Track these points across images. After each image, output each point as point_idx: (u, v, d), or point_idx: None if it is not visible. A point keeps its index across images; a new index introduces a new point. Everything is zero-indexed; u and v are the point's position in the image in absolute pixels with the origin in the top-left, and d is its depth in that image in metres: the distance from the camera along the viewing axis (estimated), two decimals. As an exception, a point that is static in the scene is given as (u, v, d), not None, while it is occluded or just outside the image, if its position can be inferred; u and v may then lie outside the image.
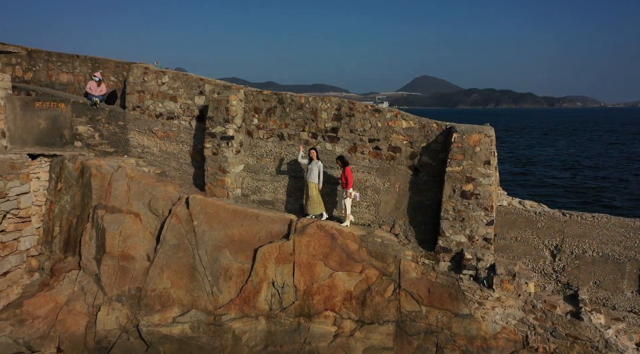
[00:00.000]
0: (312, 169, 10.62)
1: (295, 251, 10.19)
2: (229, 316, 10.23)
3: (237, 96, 11.97)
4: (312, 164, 10.69)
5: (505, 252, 9.73)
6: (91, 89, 14.64)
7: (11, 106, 12.09)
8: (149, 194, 11.71)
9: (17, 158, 12.06)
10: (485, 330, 9.17)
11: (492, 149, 9.45)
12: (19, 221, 12.25)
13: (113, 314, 10.73)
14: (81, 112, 14.40)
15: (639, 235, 8.82)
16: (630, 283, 8.84)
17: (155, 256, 10.98)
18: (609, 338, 8.28)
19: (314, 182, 10.63)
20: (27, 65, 17.18)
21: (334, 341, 9.68)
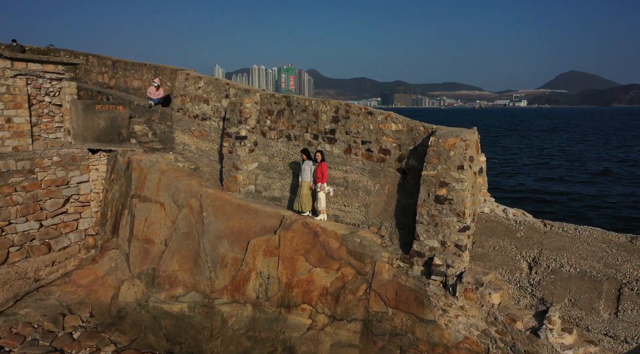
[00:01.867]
0: (305, 169, 11.16)
1: (280, 245, 10.84)
2: (221, 300, 11.22)
3: (252, 99, 12.92)
4: (305, 164, 11.23)
5: (482, 260, 9.34)
6: (151, 93, 16.69)
7: (75, 108, 14.42)
8: (174, 186, 13.18)
9: (78, 152, 14.36)
10: (448, 338, 8.94)
11: (468, 153, 9.14)
12: (79, 205, 14.56)
13: (132, 289, 12.36)
14: (138, 114, 16.52)
15: (622, 252, 7.94)
16: (607, 303, 7.99)
17: (170, 242, 12.39)
18: (568, 360, 7.63)
19: (307, 181, 11.16)
20: (112, 73, 20.03)
21: (306, 333, 10.14)
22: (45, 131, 13.98)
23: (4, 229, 12.74)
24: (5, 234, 12.77)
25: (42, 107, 13.84)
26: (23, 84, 13.14)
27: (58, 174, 13.82)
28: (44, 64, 13.65)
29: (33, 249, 13.36)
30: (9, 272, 12.76)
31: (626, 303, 7.76)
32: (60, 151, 14.00)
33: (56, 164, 13.75)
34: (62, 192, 14.03)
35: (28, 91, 13.33)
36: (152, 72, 17.78)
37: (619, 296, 7.86)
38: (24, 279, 13.08)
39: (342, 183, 11.50)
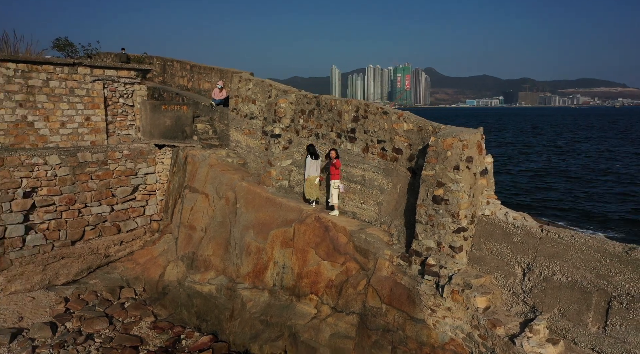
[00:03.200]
0: (311, 164, 11.75)
1: (294, 237, 11.50)
2: (243, 285, 12.19)
3: (287, 100, 13.72)
4: (310, 160, 11.94)
5: (479, 264, 9.13)
6: (214, 94, 18.31)
7: (144, 108, 16.41)
8: (218, 179, 14.46)
9: (145, 147, 16.33)
10: (435, 339, 8.92)
11: (466, 154, 8.99)
12: (146, 193, 16.54)
13: (175, 270, 13.85)
14: (203, 113, 18.21)
15: (615, 262, 7.35)
16: (596, 316, 7.44)
17: (208, 229, 13.67)
18: (541, 371, 7.28)
19: (314, 175, 11.78)
20: (190, 77, 22.18)
21: (309, 322, 10.69)
22: (119, 128, 16.13)
23: (81, 211, 15.00)
24: (82, 215, 15.03)
25: (116, 108, 16.00)
26: (100, 88, 15.33)
27: (127, 165, 15.87)
28: (119, 70, 15.78)
29: (105, 229, 15.52)
30: (83, 247, 15.01)
31: (615, 318, 7.21)
32: (130, 146, 16.06)
33: (126, 157, 15.80)
34: (131, 182, 16.07)
35: (105, 93, 15.52)
36: (219, 75, 19.43)
37: (608, 309, 7.31)
38: (96, 254, 15.27)
39: (360, 181, 11.82)
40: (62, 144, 14.67)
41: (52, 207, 14.37)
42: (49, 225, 14.36)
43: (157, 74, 25.41)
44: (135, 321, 12.63)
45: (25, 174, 13.73)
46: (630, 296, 7.09)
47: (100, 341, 11.60)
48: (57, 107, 14.46)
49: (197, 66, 21.50)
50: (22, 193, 13.74)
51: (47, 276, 14.27)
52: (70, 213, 14.75)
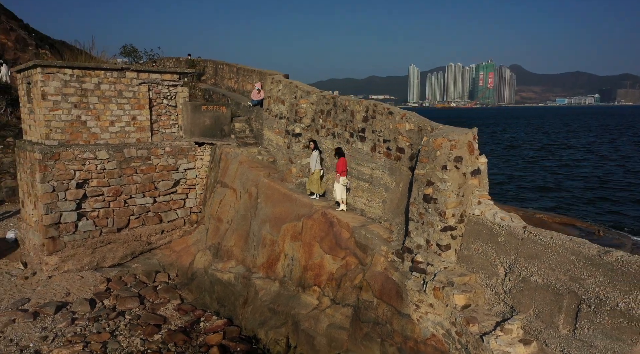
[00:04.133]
0: (314, 158, 12.45)
1: (302, 231, 12.11)
2: (257, 275, 13.00)
3: (307, 100, 14.35)
4: (313, 154, 12.59)
5: (467, 262, 9.22)
6: (253, 95, 19.35)
7: (186, 109, 17.75)
8: (246, 175, 15.41)
9: (186, 144, 17.68)
10: (418, 333, 9.15)
11: (454, 154, 9.11)
12: (186, 187, 17.90)
13: (203, 258, 14.97)
14: (243, 113, 19.31)
15: (588, 265, 7.22)
16: (567, 319, 7.35)
17: (232, 222, 14.64)
18: (505, 369, 7.33)
19: (317, 169, 12.40)
20: (236, 79, 23.48)
21: (310, 312, 11.25)
22: (162, 126, 17.59)
23: (127, 201, 16.59)
24: (128, 206, 16.61)
25: (160, 108, 17.47)
26: (145, 90, 16.84)
27: (169, 161, 17.29)
28: (162, 74, 17.23)
29: (148, 219, 17.03)
30: (128, 234, 16.59)
31: (583, 321, 7.12)
32: (172, 143, 17.47)
33: (168, 153, 17.23)
34: (172, 176, 17.48)
35: (149, 95, 17.01)
36: (259, 77, 20.45)
37: (577, 312, 7.22)
38: (139, 241, 16.82)
39: (368, 179, 12.19)
40: (111, 141, 16.32)
41: (101, 198, 16.04)
42: (98, 213, 16.05)
43: (210, 76, 27.08)
44: (163, 303, 13.87)
45: (78, 167, 15.48)
46: (599, 299, 6.97)
47: (130, 317, 12.92)
48: (107, 108, 16.12)
49: (242, 69, 22.72)
50: (76, 184, 15.50)
51: (95, 259, 15.99)
52: (117, 203, 16.37)
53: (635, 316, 6.53)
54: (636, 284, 6.63)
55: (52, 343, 11.47)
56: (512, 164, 49.40)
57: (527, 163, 49.85)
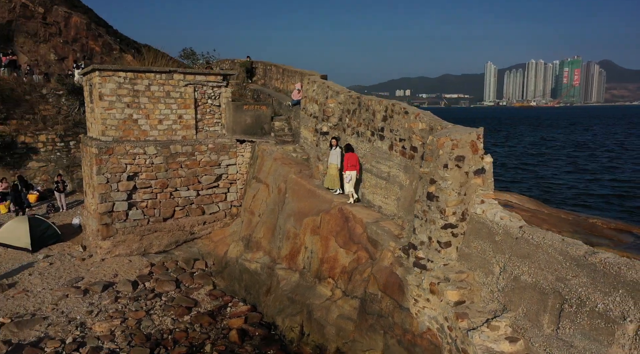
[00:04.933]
0: (332, 154, 12.82)
1: (321, 225, 12.67)
2: (280, 266, 13.72)
3: (335, 100, 14.86)
4: (332, 150, 12.91)
5: (467, 260, 9.34)
6: (294, 95, 20.16)
7: (228, 108, 18.87)
8: (278, 172, 16.20)
9: (228, 141, 18.82)
10: (416, 327, 9.42)
11: (455, 153, 9.27)
12: (228, 182, 19.04)
13: (236, 248, 15.94)
14: (283, 112, 20.16)
15: (574, 266, 7.19)
16: (551, 318, 7.35)
17: (263, 215, 15.47)
18: (486, 364, 7.48)
19: (334, 164, 12.86)
20: (282, 79, 24.43)
21: (323, 302, 11.78)
22: (207, 125, 18.83)
23: (172, 194, 17.97)
24: (173, 198, 17.99)
25: (205, 108, 18.70)
26: (191, 91, 18.13)
27: (212, 157, 18.49)
28: (207, 75, 18.45)
29: (191, 210, 18.33)
30: (173, 224, 17.98)
31: (565, 321, 7.14)
32: (215, 140, 18.66)
33: (211, 150, 18.43)
34: (215, 171, 18.66)
35: (195, 96, 18.29)
36: (300, 78, 21.20)
37: (560, 312, 7.23)
38: (183, 231, 18.16)
39: (386, 177, 12.50)
40: (159, 137, 17.76)
41: (149, 189, 17.52)
42: (146, 203, 17.54)
43: (260, 77, 28.28)
44: (197, 288, 14.99)
45: (129, 161, 17.03)
46: (580, 300, 6.95)
47: (165, 299, 14.13)
48: (155, 107, 17.56)
49: (287, 70, 23.61)
50: (127, 176, 17.06)
51: (143, 245, 17.49)
52: (164, 195, 17.79)
53: (612, 317, 6.49)
54: (615, 286, 6.57)
55: (95, 317, 12.87)
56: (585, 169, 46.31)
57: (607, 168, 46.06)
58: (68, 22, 34.70)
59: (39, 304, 13.41)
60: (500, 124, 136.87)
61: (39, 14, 33.63)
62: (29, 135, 25.10)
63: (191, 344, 11.76)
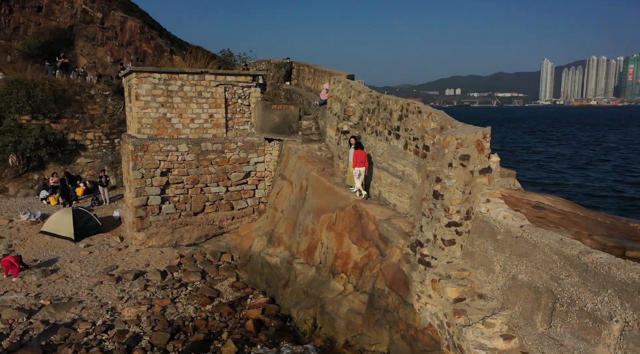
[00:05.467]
0: (351, 153, 13.11)
1: (336, 222, 13.00)
2: (298, 260, 14.15)
3: (356, 99, 15.13)
4: (351, 149, 13.20)
5: (470, 258, 9.41)
6: (322, 95, 20.56)
7: (257, 107, 19.50)
8: (301, 169, 16.65)
9: (256, 140, 19.47)
10: (418, 322, 9.59)
11: (460, 152, 9.36)
12: (256, 179, 19.70)
13: (259, 243, 16.51)
14: (311, 112, 20.59)
15: (567, 265, 7.18)
16: (544, 317, 7.36)
17: (285, 211, 15.96)
18: (477, 360, 7.58)
19: (351, 162, 13.18)
20: (313, 79, 24.87)
21: (335, 297, 12.10)
22: (236, 124, 19.54)
23: (203, 189, 18.80)
24: (204, 193, 18.82)
25: (235, 107, 19.42)
26: (222, 91, 18.89)
27: (241, 155, 19.19)
28: (237, 76, 19.15)
29: (220, 206, 19.10)
30: (202, 218, 18.81)
31: (556, 320, 7.16)
32: (244, 139, 19.35)
33: (240, 148, 19.13)
34: (243, 169, 19.36)
35: (225, 95, 19.03)
36: (328, 78, 21.55)
37: (552, 311, 7.24)
38: (212, 225, 18.96)
39: (401, 175, 12.67)
40: (191, 135, 18.63)
41: (181, 185, 18.41)
42: (178, 198, 18.45)
43: (293, 77, 28.85)
44: (221, 279, 15.68)
45: (163, 158, 17.98)
46: (571, 299, 6.95)
47: (191, 289, 14.89)
48: (188, 107, 18.43)
49: (317, 70, 24.03)
50: (160, 172, 18.02)
51: (174, 237, 18.41)
52: (195, 190, 18.64)
53: (599, 317, 6.48)
54: (605, 286, 6.54)
55: (125, 303, 13.77)
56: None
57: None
58: (123, 26, 36.67)
59: (76, 289, 14.48)
60: (556, 124, 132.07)
61: (97, 18, 35.75)
62: (78, 133, 26.85)
63: (209, 331, 12.39)
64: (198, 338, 11.93)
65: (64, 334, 11.85)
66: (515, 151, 62.49)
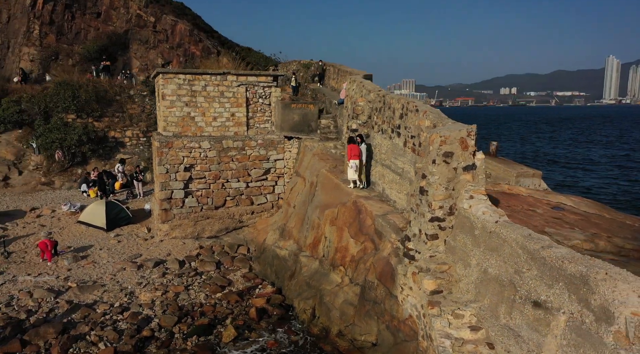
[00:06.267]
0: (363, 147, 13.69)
1: (337, 217, 13.46)
2: (304, 253, 14.71)
3: (364, 98, 15.51)
4: (363, 146, 13.67)
5: (452, 253, 9.62)
6: (341, 94, 21.01)
7: (277, 107, 20.21)
8: (314, 166, 17.20)
9: (276, 138, 20.20)
10: (401, 314, 9.92)
11: (443, 149, 9.59)
12: (275, 176, 20.44)
13: (272, 236, 17.20)
14: (331, 110, 21.09)
15: (529, 259, 7.35)
16: (506, 309, 7.55)
17: (296, 206, 16.56)
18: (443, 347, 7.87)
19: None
20: (337, 79, 25.34)
21: (333, 288, 12.57)
22: (257, 122, 20.33)
23: (224, 184, 19.72)
24: (225, 188, 19.74)
25: (256, 106, 20.21)
26: (243, 91, 19.72)
27: (260, 152, 19.96)
28: (258, 76, 19.93)
29: (241, 201, 19.96)
30: (223, 212, 19.73)
31: (515, 312, 7.35)
32: (264, 137, 20.12)
33: (260, 145, 19.91)
34: (263, 165, 20.13)
35: (247, 95, 19.86)
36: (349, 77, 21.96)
37: (513, 303, 7.43)
38: (232, 219, 19.85)
39: (400, 172, 12.97)
40: (213, 133, 19.58)
41: (204, 180, 19.40)
42: (201, 193, 19.45)
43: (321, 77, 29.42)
44: (234, 270, 16.48)
45: (186, 154, 19.02)
46: (529, 292, 7.13)
47: (205, 278, 15.77)
48: (210, 106, 19.39)
49: (341, 70, 24.48)
50: (184, 168, 19.08)
51: (196, 230, 19.43)
52: (216, 185, 19.59)
53: (550, 309, 6.65)
54: (557, 279, 6.70)
55: (143, 288, 14.81)
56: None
57: None
58: (174, 29, 38.57)
59: (101, 274, 15.70)
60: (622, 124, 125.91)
61: (150, 22, 37.82)
62: (117, 131, 28.62)
63: (215, 317, 13.18)
64: (203, 322, 12.73)
65: (84, 314, 12.97)
66: (568, 150, 60.33)
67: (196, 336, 12.06)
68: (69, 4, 35.95)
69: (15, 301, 13.60)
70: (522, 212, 15.43)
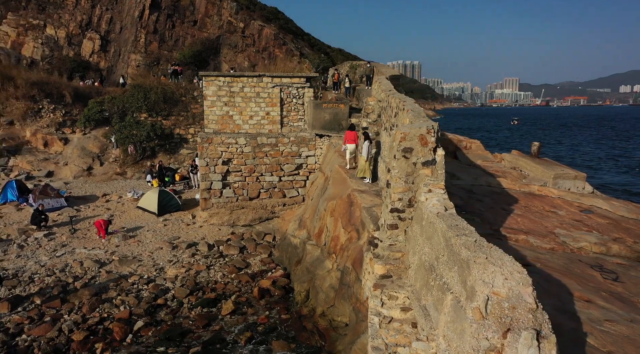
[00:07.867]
0: (362, 146, 14.43)
1: (335, 208, 14.45)
2: (311, 242, 15.86)
3: (375, 98, 16.29)
4: (366, 143, 14.47)
5: (409, 242, 10.30)
6: (373, 94, 21.82)
7: (310, 106, 21.49)
8: (332, 162, 18.26)
9: (307, 135, 21.52)
10: (362, 296, 10.76)
11: (402, 145, 10.28)
12: (307, 171, 21.77)
13: (292, 226, 18.51)
14: (356, 110, 21.98)
15: (445, 247, 7.94)
16: (426, 292, 8.19)
17: (313, 198, 17.72)
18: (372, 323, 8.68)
19: (363, 155, 14.42)
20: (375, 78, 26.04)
21: (324, 273, 13.61)
22: (291, 120, 21.77)
23: (258, 178, 21.41)
24: (259, 181, 21.43)
25: (290, 105, 21.65)
26: (277, 91, 21.26)
27: (292, 148, 21.39)
28: (292, 78, 21.34)
29: (273, 193, 21.54)
30: (257, 203, 21.43)
31: (428, 294, 7.98)
32: (297, 134, 21.51)
33: (292, 142, 21.34)
34: (295, 161, 21.53)
35: (281, 95, 21.37)
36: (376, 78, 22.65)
37: (431, 287, 8.07)
38: (265, 209, 21.48)
39: (393, 168, 13.65)
40: (249, 130, 21.33)
41: (240, 173, 21.24)
42: (237, 184, 21.31)
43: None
44: (255, 255, 18.06)
45: (224, 149, 20.97)
46: (440, 276, 7.75)
47: (227, 260, 17.50)
48: (247, 105, 21.16)
49: (379, 71, 25.15)
50: (222, 162, 21.05)
51: (232, 218, 21.33)
52: (251, 179, 21.33)
53: (445, 290, 7.26)
54: (455, 263, 7.29)
55: (172, 265, 16.87)
56: None
57: None
58: (261, 33, 41.60)
59: (142, 251, 18.05)
60: None
61: (239, 28, 41.15)
62: (182, 128, 31.61)
63: (223, 293, 14.79)
64: (210, 297, 14.39)
65: (117, 282, 15.23)
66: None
67: (200, 307, 13.74)
68: (170, 13, 40.09)
69: (68, 268, 16.25)
70: (538, 213, 15.46)
